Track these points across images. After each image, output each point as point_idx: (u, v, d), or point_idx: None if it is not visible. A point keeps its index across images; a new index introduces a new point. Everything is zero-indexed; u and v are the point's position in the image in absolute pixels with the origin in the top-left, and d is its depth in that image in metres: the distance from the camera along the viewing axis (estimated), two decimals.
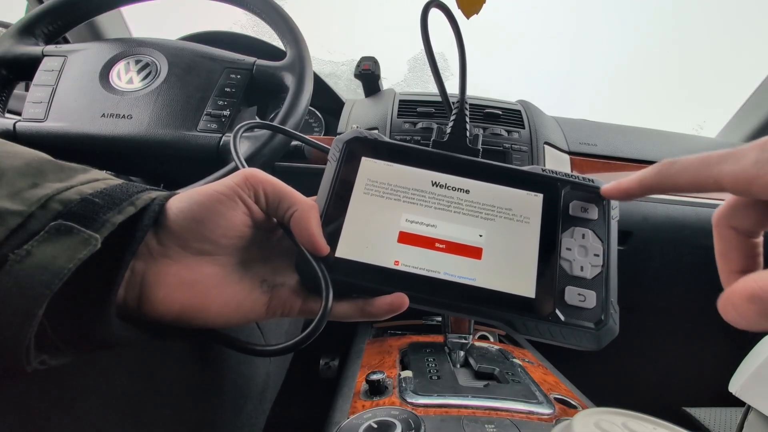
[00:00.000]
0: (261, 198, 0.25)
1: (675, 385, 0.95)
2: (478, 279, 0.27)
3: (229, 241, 0.24)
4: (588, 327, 0.26)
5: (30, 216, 0.18)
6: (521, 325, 0.26)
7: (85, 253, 0.18)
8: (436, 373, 0.42)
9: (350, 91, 0.97)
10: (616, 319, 0.26)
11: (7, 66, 0.55)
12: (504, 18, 1.89)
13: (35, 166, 0.20)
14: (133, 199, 0.21)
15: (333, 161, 0.30)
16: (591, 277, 0.27)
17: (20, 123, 0.52)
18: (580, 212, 0.29)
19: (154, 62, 0.55)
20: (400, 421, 0.30)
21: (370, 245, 0.28)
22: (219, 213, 0.23)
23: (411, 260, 0.27)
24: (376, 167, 0.30)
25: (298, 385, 0.61)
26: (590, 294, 0.27)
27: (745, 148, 0.18)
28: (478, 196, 0.30)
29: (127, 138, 0.51)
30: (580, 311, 0.26)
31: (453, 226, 0.29)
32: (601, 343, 0.26)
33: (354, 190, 0.29)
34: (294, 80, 0.52)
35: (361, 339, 0.60)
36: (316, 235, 0.25)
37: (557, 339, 0.26)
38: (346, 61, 1.25)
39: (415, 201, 0.29)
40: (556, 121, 0.78)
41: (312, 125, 0.92)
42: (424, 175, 0.30)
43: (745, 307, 0.17)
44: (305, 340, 0.24)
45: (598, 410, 0.25)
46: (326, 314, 0.24)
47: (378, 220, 0.28)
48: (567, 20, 2.34)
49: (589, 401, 0.42)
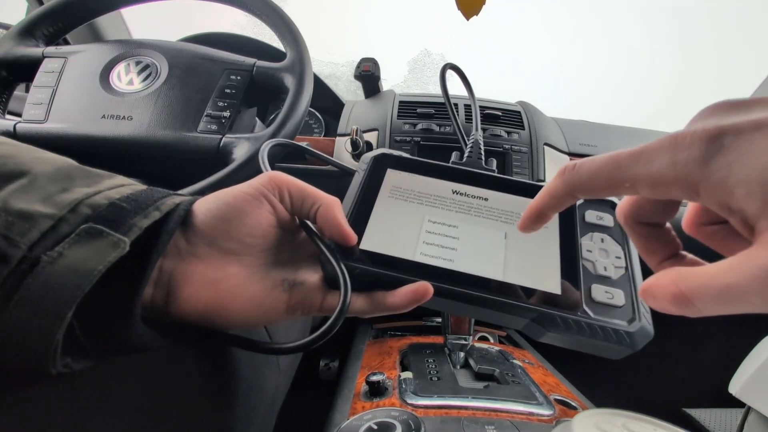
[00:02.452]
0: (286, 197, 0.26)
1: (675, 386, 0.95)
2: (502, 275, 0.27)
3: (254, 240, 0.25)
4: (620, 325, 0.25)
5: (61, 219, 0.19)
6: (547, 320, 0.25)
7: (114, 255, 0.18)
8: (436, 374, 0.42)
9: (350, 92, 0.97)
10: (649, 319, 0.25)
11: (8, 67, 0.55)
12: (504, 19, 1.89)
13: (65, 171, 0.21)
14: (158, 204, 0.22)
15: (361, 171, 0.32)
16: (616, 276, 0.27)
17: (20, 124, 0.52)
18: (596, 220, 0.30)
19: (155, 63, 0.55)
20: (400, 422, 0.30)
21: (395, 240, 0.28)
22: (246, 212, 0.24)
23: (434, 255, 0.28)
24: (401, 177, 0.32)
25: (299, 387, 0.61)
26: (618, 292, 0.26)
27: (654, 146, 0.17)
28: (496, 204, 0.31)
29: (128, 139, 0.51)
30: (610, 309, 0.26)
31: (475, 227, 0.29)
32: (636, 343, 0.25)
33: (380, 194, 0.31)
34: (294, 81, 0.53)
35: (361, 340, 0.60)
36: (343, 224, 0.26)
37: (587, 336, 0.25)
38: (346, 63, 1.25)
39: (437, 205, 0.31)
40: (555, 122, 0.78)
41: (312, 126, 0.92)
42: (445, 184, 0.32)
43: (670, 307, 0.16)
44: (325, 335, 0.24)
45: (598, 411, 0.25)
46: (346, 306, 0.24)
47: (402, 218, 0.30)
48: (567, 21, 2.35)
49: (590, 402, 0.42)
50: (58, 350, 0.17)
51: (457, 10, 0.34)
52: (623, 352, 0.25)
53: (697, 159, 0.15)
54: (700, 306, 0.15)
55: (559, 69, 2.24)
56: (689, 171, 0.15)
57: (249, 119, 0.60)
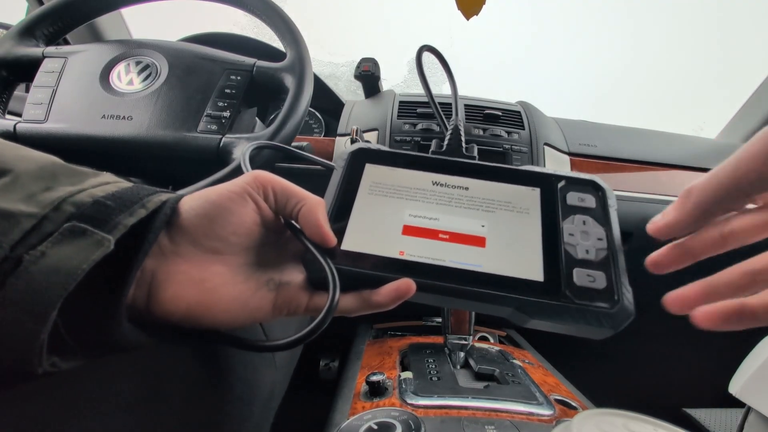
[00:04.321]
0: (270, 196, 0.26)
1: (675, 386, 0.95)
2: (484, 265, 0.27)
3: (238, 239, 0.24)
4: (602, 307, 0.25)
5: (44, 218, 0.18)
6: (531, 307, 0.25)
7: (98, 254, 0.18)
8: (436, 374, 0.42)
9: (350, 93, 0.97)
10: (630, 299, 0.26)
11: (8, 67, 0.55)
12: (504, 18, 1.89)
13: (49, 169, 0.21)
14: (144, 202, 0.21)
15: (339, 168, 0.32)
16: (597, 259, 0.27)
17: (21, 124, 0.52)
18: (577, 202, 0.30)
19: (155, 63, 0.55)
20: (400, 422, 0.30)
21: (375, 238, 0.28)
22: (230, 210, 0.24)
23: (416, 250, 0.28)
24: (380, 171, 0.32)
25: (298, 387, 0.61)
26: (599, 275, 0.26)
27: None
28: (477, 192, 0.31)
29: (128, 139, 0.51)
30: (592, 292, 0.26)
31: (455, 218, 0.29)
32: (617, 324, 0.25)
33: (359, 190, 0.31)
34: (294, 81, 0.52)
35: (361, 340, 0.60)
36: (323, 225, 0.26)
37: (570, 321, 0.25)
38: (346, 63, 1.25)
39: (417, 198, 0.30)
40: (555, 122, 0.78)
41: (312, 126, 0.92)
42: (424, 176, 0.32)
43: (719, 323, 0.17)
44: (312, 333, 0.24)
45: (598, 411, 0.25)
46: (334, 306, 0.24)
47: (382, 215, 0.29)
48: (567, 21, 2.35)
49: (590, 402, 0.42)
50: (43, 350, 0.17)
51: (457, 10, 0.34)
52: (605, 333, 0.25)
53: None
54: None
55: (559, 69, 2.24)
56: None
57: (249, 119, 0.60)
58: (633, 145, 0.76)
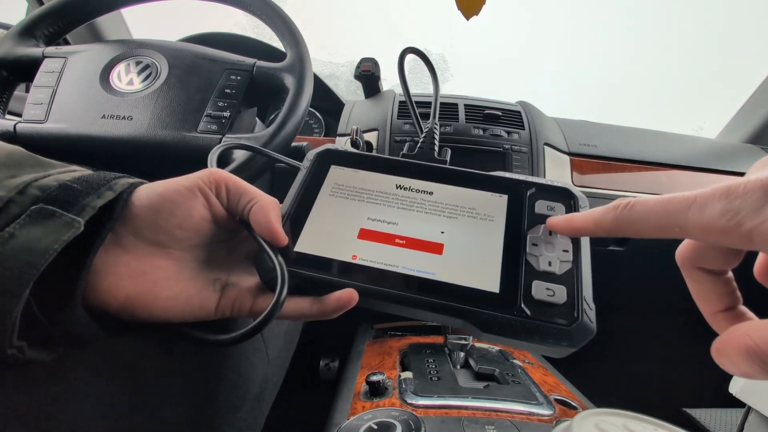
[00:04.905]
0: (222, 193, 0.25)
1: (675, 386, 0.95)
2: (437, 273, 0.26)
3: (184, 233, 0.24)
4: (559, 323, 0.23)
5: (9, 201, 0.19)
6: (482, 320, 0.24)
7: (69, 235, 0.18)
8: (436, 374, 0.42)
9: (350, 93, 0.97)
10: (591, 316, 0.24)
11: (8, 67, 0.55)
12: (504, 19, 1.89)
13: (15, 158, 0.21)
14: (111, 184, 0.22)
15: (303, 169, 0.31)
16: (560, 272, 0.25)
17: (21, 124, 0.52)
18: (546, 210, 0.28)
19: (155, 63, 0.55)
20: (400, 422, 0.30)
21: (330, 241, 0.27)
22: (177, 203, 0.23)
23: (369, 255, 0.27)
24: (344, 173, 0.31)
25: (298, 387, 0.61)
26: (560, 288, 0.25)
27: (706, 194, 0.17)
28: (441, 197, 0.29)
29: (128, 139, 0.51)
30: (550, 307, 0.24)
31: (414, 224, 0.28)
32: (575, 342, 0.23)
33: (320, 192, 0.30)
34: (294, 81, 0.53)
35: (362, 340, 0.60)
36: (274, 223, 0.25)
37: (523, 337, 0.23)
38: (346, 63, 1.25)
39: (378, 201, 0.29)
40: (556, 122, 0.78)
41: (312, 126, 0.92)
42: (389, 179, 0.30)
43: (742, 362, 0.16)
44: (255, 331, 0.23)
45: (598, 411, 0.25)
46: (280, 303, 0.24)
47: (340, 218, 0.29)
48: (567, 21, 2.35)
49: (590, 402, 0.42)
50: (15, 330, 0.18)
51: (457, 10, 0.34)
52: (563, 351, 0.24)
53: (750, 207, 0.15)
54: None
55: (559, 69, 2.24)
56: (742, 218, 0.15)
57: (249, 119, 0.60)
58: (633, 145, 0.76)
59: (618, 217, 0.20)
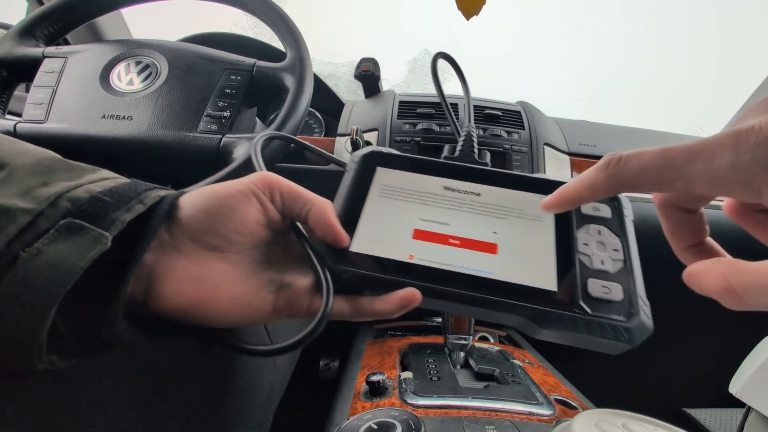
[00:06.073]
0: (277, 198, 0.25)
1: (675, 386, 0.95)
2: (495, 272, 0.27)
3: (240, 237, 0.24)
4: (618, 320, 0.24)
5: (40, 214, 0.18)
6: (543, 317, 0.24)
7: (96, 251, 0.18)
8: (436, 374, 0.42)
9: (350, 93, 0.97)
10: (648, 313, 0.25)
11: (8, 67, 0.55)
12: (505, 19, 1.89)
13: (46, 164, 0.20)
14: (141, 197, 0.21)
15: (350, 171, 0.32)
16: (614, 270, 0.26)
17: (21, 124, 0.52)
18: (592, 211, 0.29)
19: (155, 63, 0.55)
20: (400, 422, 0.30)
21: (385, 241, 0.28)
22: (233, 208, 0.24)
23: (426, 255, 0.27)
24: (391, 175, 0.32)
25: (298, 387, 0.61)
26: (615, 286, 0.25)
27: (714, 144, 0.16)
28: (489, 199, 0.30)
29: (128, 139, 0.51)
30: (607, 304, 0.25)
31: (466, 224, 0.29)
32: (634, 339, 0.24)
33: (369, 193, 0.31)
34: (294, 81, 0.53)
35: (361, 340, 0.60)
36: (336, 225, 0.26)
37: (584, 333, 0.24)
38: (346, 63, 1.25)
39: (428, 202, 0.30)
40: (555, 122, 0.78)
41: (312, 126, 0.92)
42: (436, 181, 0.31)
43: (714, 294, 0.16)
44: (305, 340, 0.23)
45: (598, 411, 0.25)
46: (327, 312, 0.24)
47: (392, 218, 0.29)
48: (567, 22, 2.35)
49: (590, 402, 0.42)
50: (43, 347, 0.17)
51: (457, 10, 0.34)
52: (621, 347, 0.24)
53: (763, 161, 0.15)
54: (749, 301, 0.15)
55: (559, 68, 2.24)
56: (753, 173, 0.15)
57: (249, 119, 0.60)
58: (633, 145, 0.76)
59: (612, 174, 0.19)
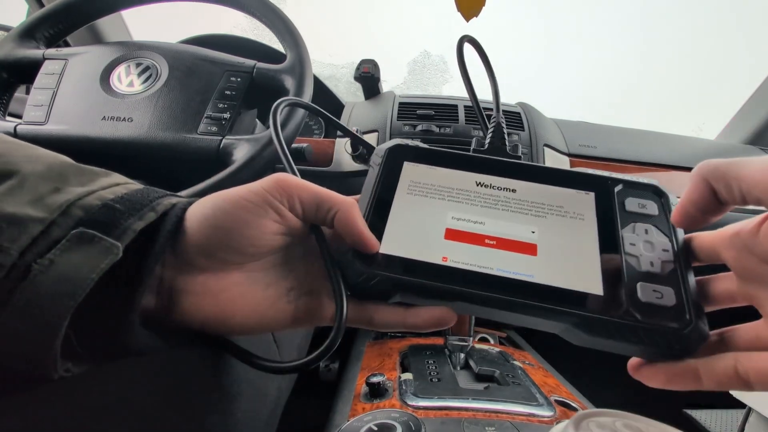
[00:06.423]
0: (296, 205, 0.23)
1: None
2: (536, 276, 0.24)
3: (257, 249, 0.23)
4: (672, 327, 0.22)
5: (52, 223, 0.18)
6: (590, 324, 0.22)
7: (107, 262, 0.18)
8: (437, 376, 0.42)
9: (350, 94, 0.97)
10: (704, 319, 0.22)
11: (8, 69, 0.55)
12: (504, 19, 1.89)
13: (57, 170, 0.20)
14: (153, 205, 0.21)
15: (375, 166, 0.29)
16: (664, 272, 0.24)
17: (21, 126, 0.52)
18: (638, 208, 0.27)
19: (155, 65, 0.55)
20: (400, 424, 0.30)
21: (417, 242, 0.26)
22: (246, 222, 0.22)
23: (460, 256, 0.25)
24: (419, 170, 0.29)
25: (299, 388, 0.61)
26: (667, 291, 0.23)
27: None
28: (525, 195, 0.28)
29: (128, 141, 0.51)
30: (659, 310, 0.23)
31: (502, 223, 0.27)
32: (690, 346, 0.22)
33: (397, 190, 0.28)
34: (294, 83, 0.53)
35: (362, 341, 0.60)
36: (363, 230, 0.24)
37: (635, 342, 0.22)
38: (345, 64, 1.25)
39: (460, 200, 0.28)
40: (555, 123, 0.78)
41: (312, 127, 0.92)
42: (467, 176, 0.29)
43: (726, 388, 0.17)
44: (320, 357, 0.23)
45: (597, 411, 0.25)
46: (341, 327, 0.23)
47: (423, 217, 0.27)
48: (566, 22, 2.35)
49: (590, 403, 0.42)
50: (57, 358, 0.17)
51: (457, 11, 0.34)
52: (673, 357, 0.22)
53: None
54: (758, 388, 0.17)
55: (559, 69, 2.24)
56: None
57: (249, 121, 0.60)
58: (632, 146, 0.76)
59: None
